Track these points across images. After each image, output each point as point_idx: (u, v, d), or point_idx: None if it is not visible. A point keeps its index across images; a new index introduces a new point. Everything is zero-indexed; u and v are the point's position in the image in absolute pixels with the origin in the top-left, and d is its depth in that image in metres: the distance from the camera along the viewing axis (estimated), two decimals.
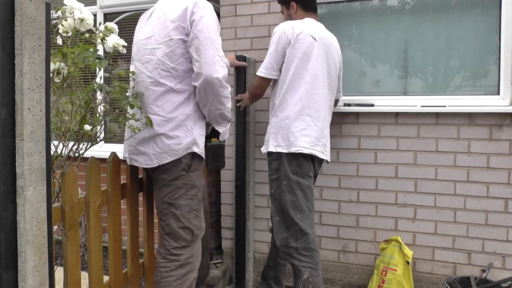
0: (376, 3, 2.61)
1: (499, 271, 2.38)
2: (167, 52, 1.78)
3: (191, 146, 1.82)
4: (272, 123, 2.19)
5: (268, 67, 2.19)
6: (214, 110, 1.84)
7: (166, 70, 1.79)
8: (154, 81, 1.80)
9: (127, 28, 3.42)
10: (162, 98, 1.80)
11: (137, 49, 1.90)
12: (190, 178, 1.86)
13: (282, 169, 2.10)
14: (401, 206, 2.55)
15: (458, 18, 2.47)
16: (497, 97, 2.38)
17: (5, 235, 1.13)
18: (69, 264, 1.59)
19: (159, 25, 1.81)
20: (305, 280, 2.09)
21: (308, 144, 2.08)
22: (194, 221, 1.89)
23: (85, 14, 1.66)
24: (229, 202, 2.86)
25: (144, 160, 1.85)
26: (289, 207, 2.09)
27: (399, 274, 2.36)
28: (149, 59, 1.82)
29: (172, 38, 1.77)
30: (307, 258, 2.10)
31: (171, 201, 1.85)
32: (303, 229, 2.09)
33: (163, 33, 1.79)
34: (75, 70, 1.61)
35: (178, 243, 1.87)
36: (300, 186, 2.09)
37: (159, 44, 1.79)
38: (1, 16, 1.09)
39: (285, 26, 2.16)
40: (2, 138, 1.10)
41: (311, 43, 2.11)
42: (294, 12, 2.29)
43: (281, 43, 2.14)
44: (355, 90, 2.67)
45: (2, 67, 1.10)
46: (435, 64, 2.53)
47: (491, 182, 2.38)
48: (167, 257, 1.88)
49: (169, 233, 1.88)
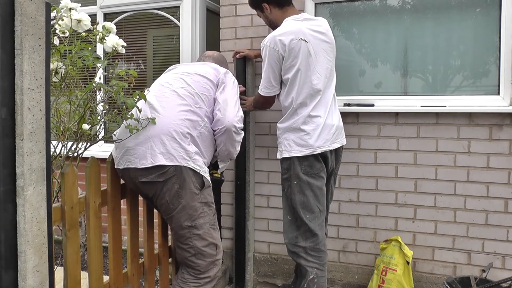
0: (376, 3, 2.61)
1: (499, 271, 2.38)
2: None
3: (188, 159, 1.84)
4: (282, 129, 2.17)
5: (267, 86, 2.16)
6: (225, 150, 2.03)
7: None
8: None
9: (127, 28, 3.42)
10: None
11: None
12: (204, 196, 1.91)
13: (292, 169, 2.09)
14: (401, 206, 2.55)
15: (458, 18, 2.47)
16: (497, 97, 2.38)
17: (5, 235, 1.13)
18: (69, 264, 1.59)
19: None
20: (310, 280, 2.09)
21: (320, 143, 2.07)
22: (215, 234, 1.95)
23: (82, 15, 1.65)
24: (229, 202, 2.86)
25: (139, 160, 1.82)
26: (298, 207, 2.09)
27: (399, 274, 2.36)
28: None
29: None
30: (314, 259, 2.11)
31: (191, 223, 1.87)
32: (312, 230, 2.10)
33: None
34: (73, 69, 1.61)
35: (205, 261, 1.92)
36: (310, 186, 2.09)
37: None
38: (1, 16, 1.09)
39: (272, 42, 2.07)
40: (2, 138, 1.10)
41: (304, 47, 2.05)
42: (269, 13, 2.23)
43: (274, 60, 2.08)
44: (355, 90, 2.67)
45: (2, 67, 1.10)
46: (435, 64, 2.53)
47: (491, 182, 2.38)
48: (198, 276, 1.93)
49: (195, 254, 1.90)
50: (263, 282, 2.83)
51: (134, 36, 3.41)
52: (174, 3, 3.19)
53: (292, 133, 2.11)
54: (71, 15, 1.62)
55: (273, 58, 2.08)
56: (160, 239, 2.23)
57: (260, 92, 2.21)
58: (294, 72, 2.07)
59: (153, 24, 3.38)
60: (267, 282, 2.82)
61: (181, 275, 1.96)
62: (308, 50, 2.06)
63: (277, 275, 2.81)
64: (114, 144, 1.91)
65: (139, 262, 2.09)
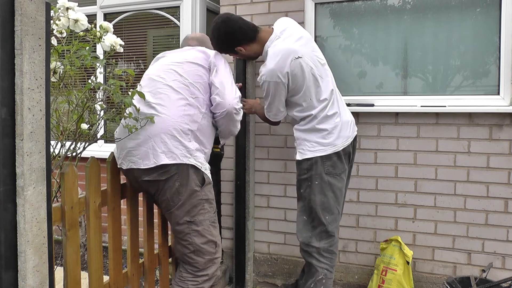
0: (377, 2, 2.61)
1: (499, 271, 2.38)
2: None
3: (189, 156, 1.84)
4: (302, 130, 2.16)
5: (276, 112, 2.16)
6: (226, 129, 2.07)
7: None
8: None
9: (127, 28, 3.42)
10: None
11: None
12: (205, 193, 1.91)
13: (314, 169, 2.08)
14: (401, 206, 2.55)
15: (458, 18, 2.47)
16: (497, 97, 2.38)
17: (5, 235, 1.13)
18: (69, 264, 1.59)
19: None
20: (318, 280, 2.09)
21: (342, 140, 2.08)
22: (214, 232, 1.95)
23: (79, 14, 1.65)
24: (229, 202, 2.86)
25: (143, 161, 1.83)
26: (318, 208, 2.08)
27: (399, 274, 2.36)
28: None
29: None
30: (326, 260, 2.11)
31: (191, 219, 1.87)
32: (329, 231, 2.10)
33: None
34: (72, 69, 1.60)
35: (204, 258, 1.91)
36: (331, 187, 2.08)
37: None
38: (1, 16, 1.09)
39: (273, 76, 2.00)
40: (2, 138, 1.10)
41: (303, 64, 2.02)
42: (245, 51, 2.16)
43: (279, 91, 2.05)
44: (355, 90, 2.67)
45: (2, 67, 1.10)
46: (435, 64, 2.53)
47: (491, 182, 2.38)
48: (196, 274, 1.93)
49: (194, 251, 1.90)
50: (263, 282, 2.83)
51: (134, 36, 3.41)
52: (174, 3, 3.19)
53: (314, 134, 2.10)
54: (68, 15, 1.61)
55: (278, 90, 2.05)
56: (160, 239, 2.23)
57: (269, 118, 2.21)
58: (303, 92, 2.06)
59: (153, 24, 3.38)
60: (267, 282, 2.82)
61: (179, 273, 1.97)
62: (307, 65, 2.04)
63: (277, 275, 2.81)
64: (116, 144, 1.92)
65: (139, 262, 2.09)
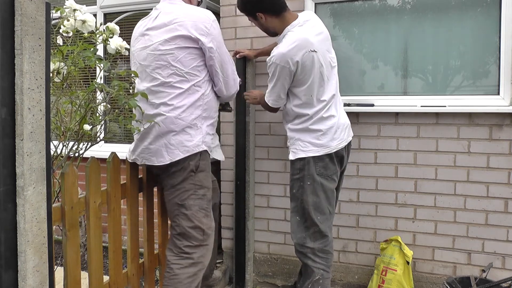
0: (377, 3, 2.61)
1: (499, 271, 2.38)
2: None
3: (200, 144, 1.90)
4: (296, 130, 2.15)
5: (276, 99, 2.14)
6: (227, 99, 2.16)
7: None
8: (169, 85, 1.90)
9: (127, 28, 3.42)
10: (176, 98, 1.89)
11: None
12: (198, 179, 1.93)
13: (306, 169, 2.08)
14: (401, 206, 2.55)
15: (458, 18, 2.47)
16: (497, 97, 2.38)
17: (5, 235, 1.13)
18: (69, 264, 1.59)
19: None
20: (315, 281, 2.09)
21: (336, 142, 2.08)
22: (204, 220, 1.94)
23: (87, 16, 1.67)
24: (229, 202, 2.86)
25: (157, 158, 1.90)
26: (310, 208, 2.08)
27: (399, 274, 2.36)
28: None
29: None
30: (321, 260, 2.11)
31: (181, 202, 1.90)
32: (322, 231, 2.10)
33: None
34: (75, 70, 1.61)
35: (190, 242, 1.92)
36: (323, 188, 2.08)
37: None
38: (1, 16, 1.09)
39: (282, 60, 1.98)
40: (2, 138, 1.10)
41: (316, 59, 1.99)
42: (265, 21, 2.12)
43: (285, 77, 2.03)
44: (355, 90, 2.67)
45: (2, 67, 1.10)
46: (435, 64, 2.53)
47: (491, 182, 2.38)
48: (180, 255, 1.92)
49: (180, 233, 1.93)
50: (263, 282, 2.83)
51: None
52: None
53: (308, 133, 2.09)
54: (75, 16, 1.63)
55: (284, 75, 2.02)
56: (160, 239, 2.23)
57: (268, 103, 2.18)
58: (307, 86, 2.04)
59: None
60: (267, 282, 2.82)
61: (168, 264, 1.95)
62: (318, 60, 2.01)
63: (277, 275, 2.81)
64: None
65: (139, 262, 2.09)
